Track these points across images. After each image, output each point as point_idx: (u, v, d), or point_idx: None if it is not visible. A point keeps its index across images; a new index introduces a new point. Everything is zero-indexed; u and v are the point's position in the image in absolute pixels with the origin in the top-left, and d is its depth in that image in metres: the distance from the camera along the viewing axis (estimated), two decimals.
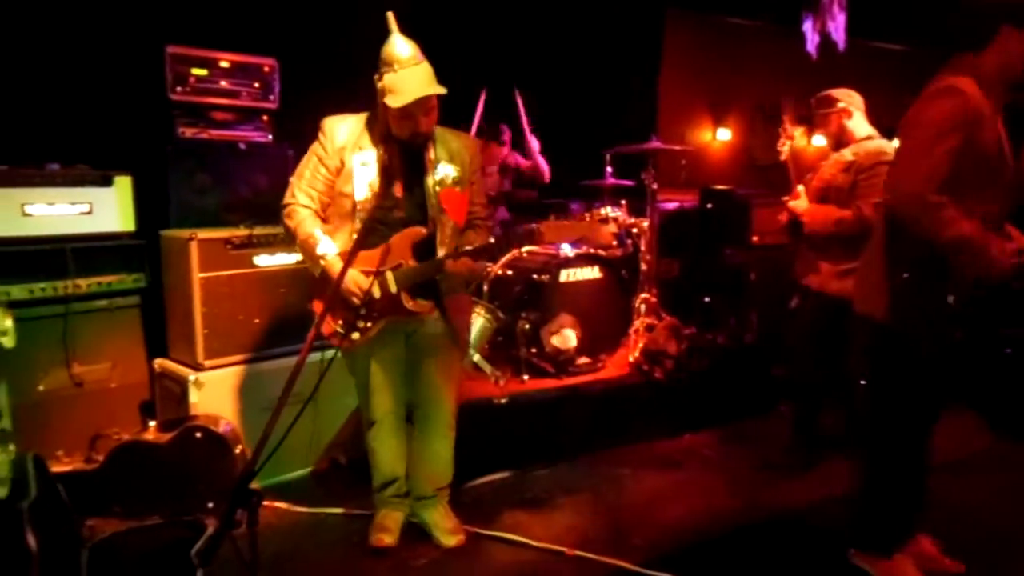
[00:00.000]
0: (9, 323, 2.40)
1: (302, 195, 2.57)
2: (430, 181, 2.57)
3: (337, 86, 3.54)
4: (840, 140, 3.46)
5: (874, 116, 3.49)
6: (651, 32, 6.22)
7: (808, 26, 5.48)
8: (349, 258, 2.11)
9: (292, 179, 2.61)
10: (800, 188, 3.50)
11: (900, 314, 2.38)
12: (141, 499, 2.91)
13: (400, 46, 2.40)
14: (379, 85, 2.41)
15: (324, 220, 2.59)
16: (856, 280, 2.66)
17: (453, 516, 2.88)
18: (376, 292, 2.52)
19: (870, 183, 3.23)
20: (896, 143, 2.51)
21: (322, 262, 2.50)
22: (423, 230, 2.56)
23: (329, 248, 2.51)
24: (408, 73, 2.37)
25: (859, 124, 3.46)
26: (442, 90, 2.40)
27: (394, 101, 2.36)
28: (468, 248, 2.55)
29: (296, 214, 2.56)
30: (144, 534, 2.79)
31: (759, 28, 6.90)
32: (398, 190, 2.55)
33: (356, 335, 2.58)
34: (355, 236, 2.44)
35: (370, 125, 2.56)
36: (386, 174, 2.50)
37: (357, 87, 2.53)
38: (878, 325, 2.44)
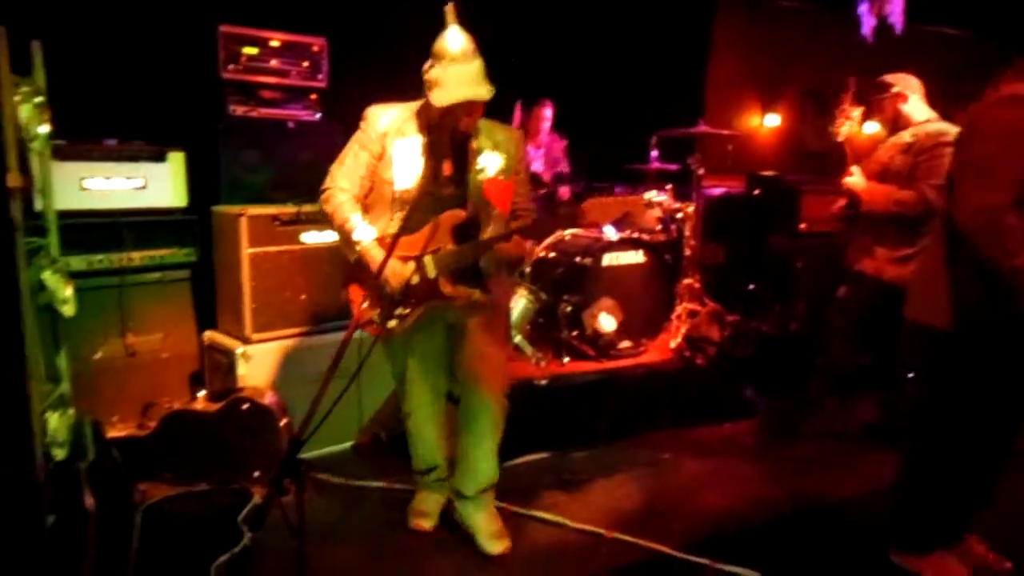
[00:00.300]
0: (70, 292, 2.49)
1: (342, 179, 2.53)
2: (473, 169, 2.52)
3: (385, 66, 3.56)
4: (896, 125, 3.38)
5: (931, 104, 3.40)
6: (702, 14, 6.10)
7: (864, 9, 5.32)
8: (390, 249, 2.07)
9: (333, 165, 2.58)
10: (855, 168, 3.44)
11: (967, 323, 2.29)
12: (190, 466, 3.00)
13: (453, 40, 2.31)
14: (426, 77, 2.36)
15: (365, 207, 2.54)
16: (913, 289, 2.55)
17: (498, 519, 2.72)
18: (414, 279, 2.47)
19: (931, 164, 3.16)
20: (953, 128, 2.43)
21: (358, 247, 2.45)
22: (463, 213, 2.50)
23: (366, 234, 2.46)
24: (456, 70, 2.30)
25: (916, 108, 3.37)
26: (487, 95, 2.33)
27: (438, 98, 2.32)
28: (506, 232, 2.50)
29: (334, 198, 2.52)
30: (193, 499, 2.88)
31: (813, 11, 6.72)
32: (447, 171, 2.50)
33: (393, 323, 2.52)
34: (394, 223, 2.42)
35: (416, 112, 2.52)
36: (434, 159, 2.46)
37: (405, 68, 2.49)
38: (942, 334, 2.35)
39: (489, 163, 2.53)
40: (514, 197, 2.61)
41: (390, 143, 2.48)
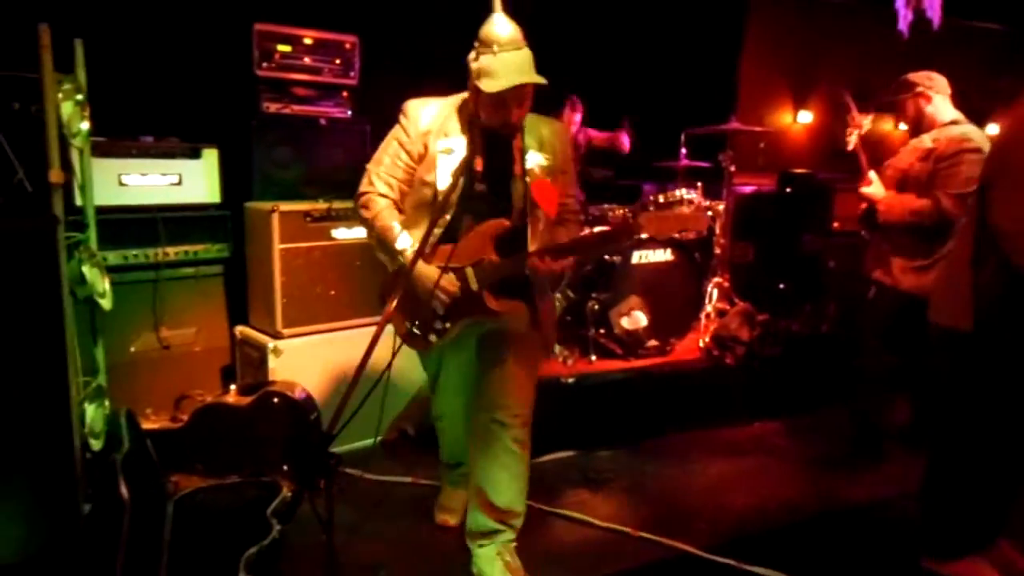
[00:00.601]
0: (108, 285, 2.54)
1: (380, 183, 2.39)
2: (520, 172, 2.35)
3: (415, 64, 3.58)
4: (919, 126, 3.28)
5: (966, 100, 3.31)
6: (735, 8, 6.03)
7: (901, 2, 5.22)
8: (448, 257, 2.06)
9: (369, 166, 2.43)
10: (872, 174, 3.35)
11: (990, 325, 2.27)
12: (221, 458, 3.05)
13: (501, 26, 2.20)
14: (474, 66, 2.21)
15: (400, 211, 2.42)
16: (937, 292, 2.53)
17: (516, 562, 2.41)
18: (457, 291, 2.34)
19: (950, 172, 3.06)
20: (991, 129, 2.38)
21: (401, 258, 2.31)
22: (506, 222, 2.34)
23: (407, 242, 2.32)
24: (508, 57, 2.16)
25: (941, 108, 3.25)
26: (542, 80, 2.18)
27: (489, 85, 2.17)
28: (553, 246, 2.33)
29: (374, 204, 2.37)
30: (223, 491, 2.93)
31: (848, 6, 6.62)
32: (479, 180, 2.34)
33: (433, 337, 2.40)
34: (435, 229, 2.24)
35: (458, 109, 2.37)
36: (470, 162, 2.30)
37: (435, 66, 2.47)
38: (964, 336, 2.33)
39: (536, 163, 2.37)
40: (561, 199, 2.44)
41: (433, 142, 2.34)
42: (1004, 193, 2.19)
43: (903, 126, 3.53)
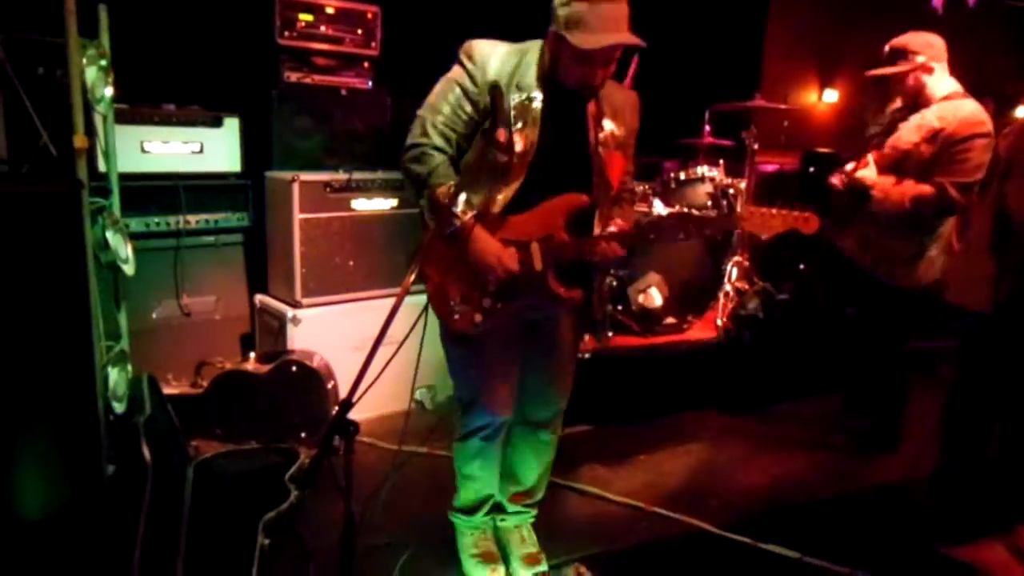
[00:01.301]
0: (131, 251, 2.57)
1: (437, 136, 2.03)
2: (594, 140, 2.09)
3: (437, 35, 3.53)
4: (918, 101, 2.96)
5: (997, 81, 3.21)
6: None
7: None
8: (510, 229, 1.84)
9: (423, 113, 2.06)
10: (870, 157, 3.04)
11: (1009, 306, 2.25)
12: (240, 424, 3.09)
13: None
14: (561, 12, 1.89)
15: (456, 169, 2.09)
16: (954, 273, 2.51)
17: (535, 541, 2.47)
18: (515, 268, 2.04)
19: (961, 158, 2.81)
20: (1021, 111, 2.32)
21: (457, 222, 1.98)
22: (584, 198, 2.06)
23: (467, 205, 2.00)
24: (607, 8, 1.86)
25: (940, 80, 2.92)
26: (641, 42, 1.89)
27: (582, 40, 1.85)
28: (614, 231, 2.10)
29: (430, 159, 2.02)
30: (242, 457, 2.97)
31: None
32: (552, 146, 2.05)
33: (479, 317, 2.10)
34: (500, 197, 2.03)
35: (535, 58, 2.04)
36: (552, 121, 2.03)
37: (456, 37, 2.32)
38: (982, 316, 2.32)
39: (610, 132, 2.11)
40: (622, 175, 2.21)
41: (505, 94, 1.99)
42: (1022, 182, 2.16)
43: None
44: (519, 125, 2.00)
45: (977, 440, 2.50)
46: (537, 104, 2.01)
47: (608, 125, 2.10)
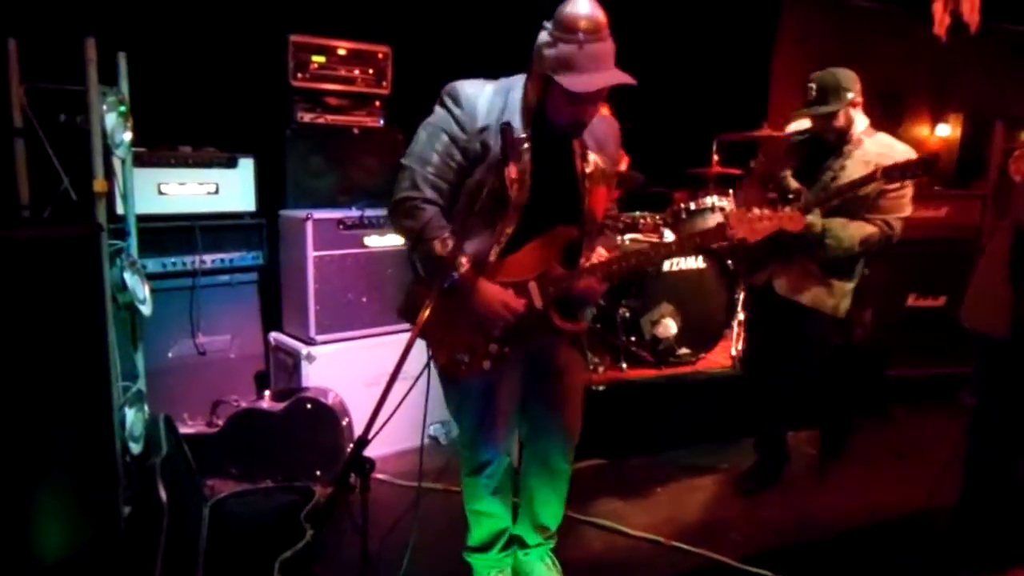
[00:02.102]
0: (148, 292, 2.60)
1: (427, 188, 1.98)
2: (580, 173, 2.08)
3: (447, 73, 3.59)
4: (844, 138, 2.85)
5: (1004, 104, 3.22)
6: (766, 12, 5.99)
7: (939, 6, 5.13)
8: (505, 272, 1.84)
9: (410, 164, 2.02)
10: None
11: None
12: (256, 463, 3.10)
13: (589, 8, 1.86)
14: (549, 54, 1.87)
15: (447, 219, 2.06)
16: (970, 298, 2.47)
17: (558, 566, 2.52)
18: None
19: (900, 193, 2.75)
20: None
21: (456, 275, 1.95)
22: (575, 231, 2.08)
23: (465, 257, 1.99)
24: (595, 49, 1.84)
25: (859, 115, 2.87)
26: (631, 80, 1.88)
27: (574, 83, 1.84)
28: (596, 262, 2.12)
29: (422, 213, 1.98)
30: (258, 496, 2.97)
31: (884, 11, 6.54)
32: (541, 184, 2.03)
33: (488, 364, 2.09)
34: (499, 241, 2.02)
35: (520, 95, 2.01)
36: (533, 163, 2.01)
37: (466, 75, 2.35)
38: (999, 341, 2.29)
39: (596, 165, 2.11)
40: (606, 204, 2.22)
41: (494, 140, 1.96)
42: None
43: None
44: (512, 168, 1.97)
45: (1002, 467, 2.45)
46: (526, 144, 1.99)
47: (593, 158, 2.10)
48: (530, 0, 2.25)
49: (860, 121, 2.88)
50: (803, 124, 3.10)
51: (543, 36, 1.90)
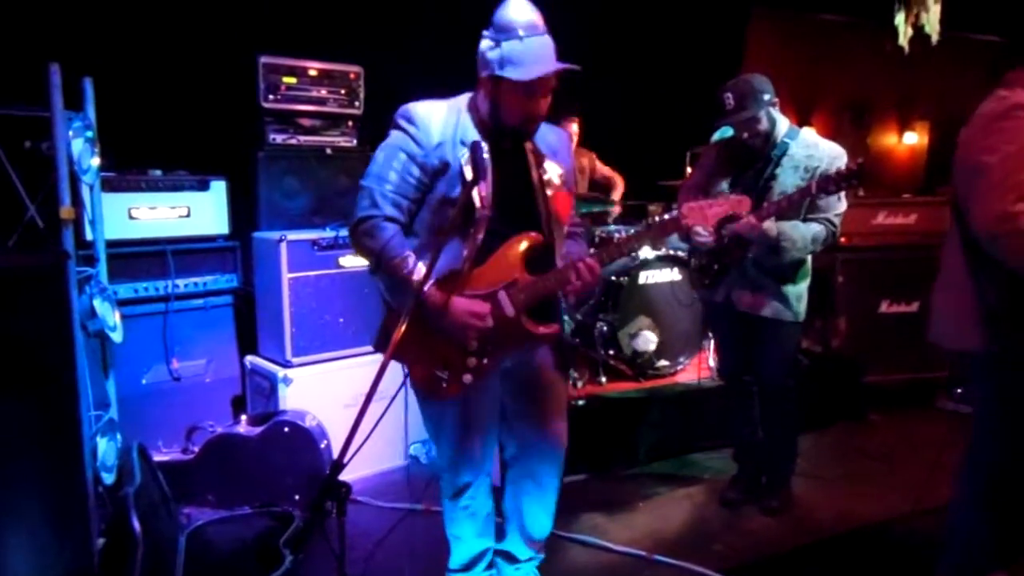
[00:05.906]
0: (118, 319, 2.56)
1: (388, 205, 2.01)
2: (538, 180, 2.13)
3: (419, 93, 3.60)
4: (771, 141, 2.86)
5: (968, 113, 3.27)
6: (734, 28, 6.08)
7: (900, 18, 5.25)
8: (470, 283, 1.85)
9: (368, 184, 2.04)
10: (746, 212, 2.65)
11: (999, 340, 2.22)
12: (233, 489, 3.04)
13: (523, 9, 1.97)
14: (492, 55, 1.96)
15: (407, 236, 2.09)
16: (935, 316, 2.47)
17: None
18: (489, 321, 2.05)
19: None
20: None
21: (420, 293, 1.91)
22: (539, 236, 2.10)
23: (427, 273, 1.91)
24: (536, 42, 1.94)
25: (779, 115, 2.88)
26: (576, 67, 1.96)
27: (519, 73, 1.92)
28: (607, 248, 2.16)
29: (381, 232, 1.99)
30: (235, 523, 2.92)
31: (848, 24, 6.67)
32: (499, 194, 2.05)
33: (468, 377, 2.09)
34: (466, 254, 2.01)
35: (468, 108, 2.08)
36: (500, 167, 2.05)
37: (438, 94, 2.36)
38: (974, 357, 2.29)
39: (553, 171, 2.16)
40: (571, 211, 2.26)
41: (451, 153, 2.01)
42: (982, 198, 2.14)
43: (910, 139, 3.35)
44: (473, 179, 1.99)
45: (991, 475, 2.45)
46: (484, 153, 2.01)
47: (549, 165, 2.15)
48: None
49: (782, 121, 2.90)
50: (727, 133, 3.14)
51: (485, 42, 1.99)
